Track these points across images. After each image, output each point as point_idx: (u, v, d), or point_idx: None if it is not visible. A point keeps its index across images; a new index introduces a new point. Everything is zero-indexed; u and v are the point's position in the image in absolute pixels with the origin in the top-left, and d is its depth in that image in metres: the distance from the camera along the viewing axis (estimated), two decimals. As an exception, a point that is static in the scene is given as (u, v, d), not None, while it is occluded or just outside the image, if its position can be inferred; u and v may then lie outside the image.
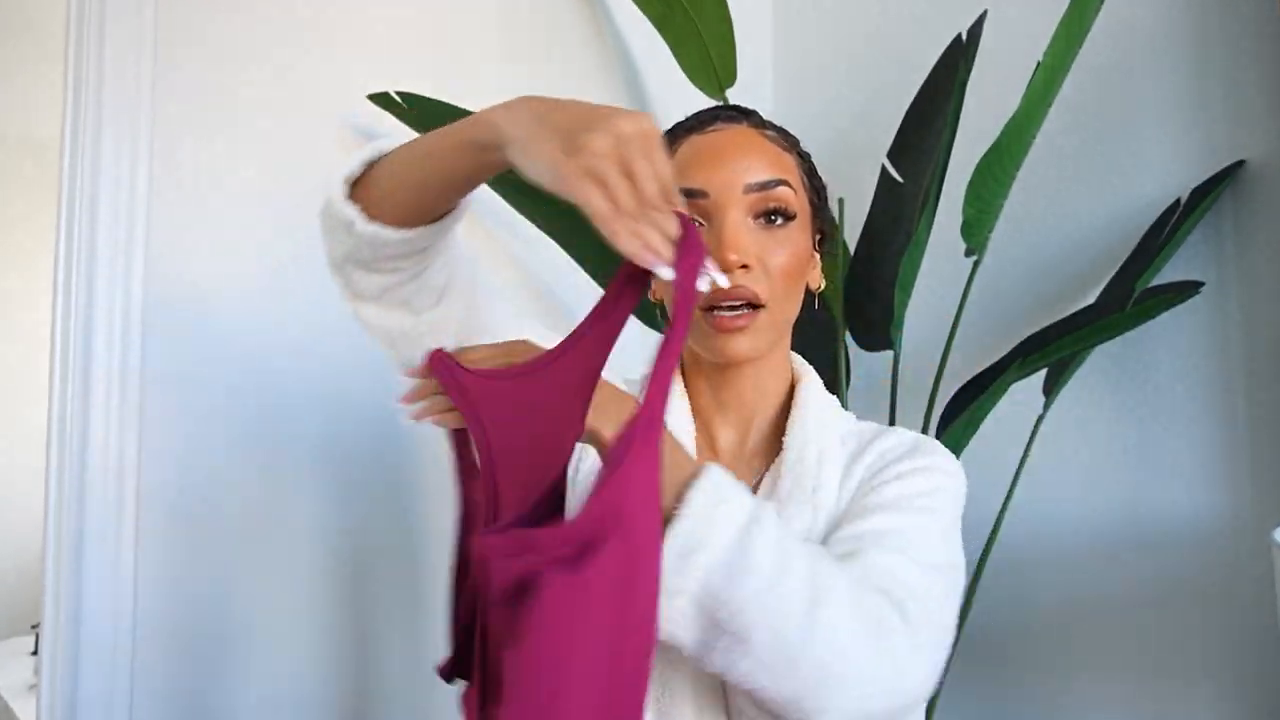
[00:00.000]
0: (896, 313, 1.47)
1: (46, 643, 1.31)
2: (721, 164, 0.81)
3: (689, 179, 0.81)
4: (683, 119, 0.88)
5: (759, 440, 0.88)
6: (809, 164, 0.90)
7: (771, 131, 0.86)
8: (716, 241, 0.79)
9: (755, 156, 0.82)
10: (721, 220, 0.80)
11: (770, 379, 0.88)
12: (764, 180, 0.81)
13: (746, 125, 0.85)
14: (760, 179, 0.81)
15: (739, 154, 0.81)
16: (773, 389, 0.88)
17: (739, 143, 0.83)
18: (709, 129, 0.84)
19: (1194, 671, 1.43)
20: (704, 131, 0.84)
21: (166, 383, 1.39)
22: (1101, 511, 1.54)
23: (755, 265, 0.80)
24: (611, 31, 1.95)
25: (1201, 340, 1.45)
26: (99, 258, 1.35)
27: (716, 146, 0.82)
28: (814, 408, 0.86)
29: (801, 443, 0.83)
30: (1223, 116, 1.44)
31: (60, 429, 1.33)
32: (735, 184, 0.80)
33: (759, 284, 0.80)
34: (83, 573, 1.31)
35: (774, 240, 0.81)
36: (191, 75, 1.45)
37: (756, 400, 0.88)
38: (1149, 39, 1.53)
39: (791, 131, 0.91)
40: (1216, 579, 1.41)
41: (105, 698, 1.31)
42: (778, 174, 0.82)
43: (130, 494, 1.34)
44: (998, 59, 1.71)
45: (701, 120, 0.86)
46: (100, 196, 1.36)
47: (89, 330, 1.34)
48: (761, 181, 0.81)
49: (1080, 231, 1.60)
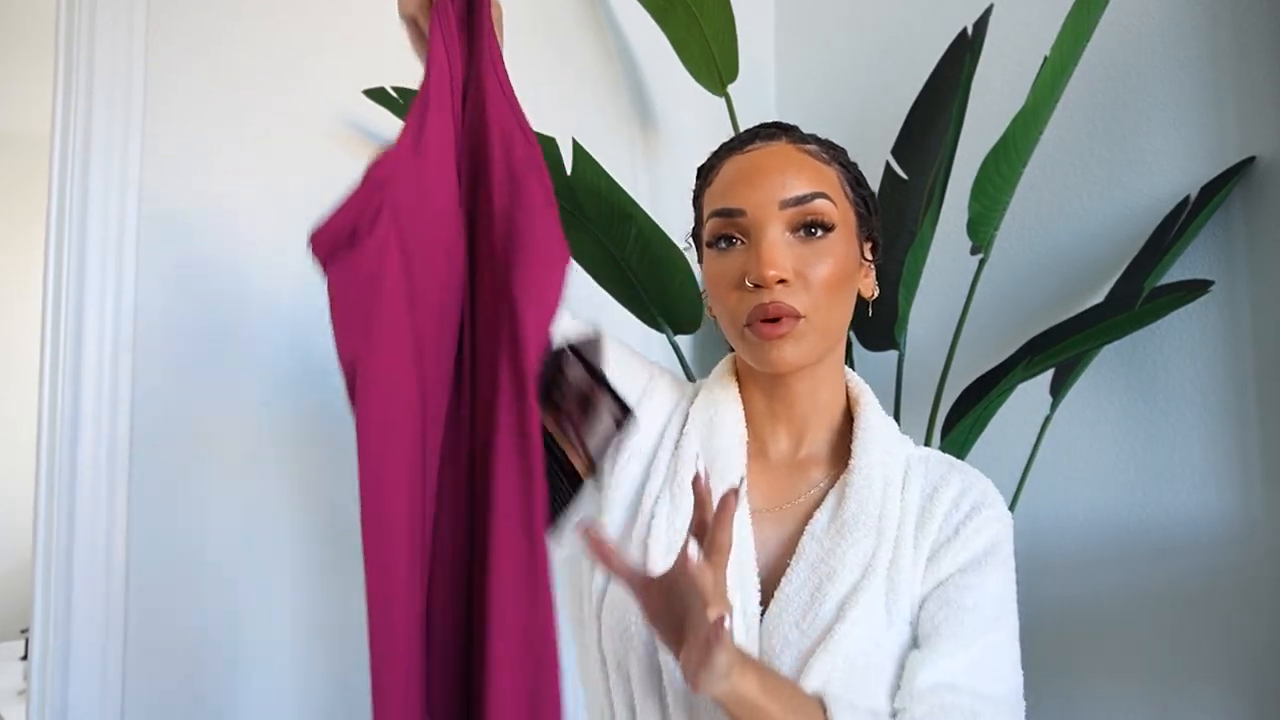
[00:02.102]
0: (901, 312, 1.45)
1: (36, 648, 1.30)
2: (758, 182, 0.83)
3: (729, 198, 0.84)
4: (728, 139, 0.91)
5: (813, 451, 0.90)
6: (855, 174, 0.90)
7: (812, 145, 0.88)
8: (756, 259, 0.81)
9: (792, 172, 0.84)
10: (759, 237, 0.82)
11: (824, 390, 0.90)
12: (800, 195, 0.83)
13: (785, 141, 0.87)
14: (796, 194, 0.83)
15: (775, 171, 0.84)
16: (826, 401, 0.90)
17: (775, 160, 0.85)
18: (748, 148, 0.87)
19: (1204, 675, 1.41)
20: (744, 151, 0.87)
21: (159, 385, 1.38)
22: (1110, 513, 1.52)
23: (794, 280, 0.82)
24: (613, 27, 1.93)
25: (1211, 340, 1.43)
26: (89, 260, 1.34)
27: (754, 165, 0.85)
28: (878, 430, 0.88)
29: (868, 466, 0.85)
30: (1233, 112, 1.42)
31: (50, 433, 1.32)
32: (771, 200, 0.82)
33: (797, 298, 0.82)
34: (73, 577, 1.30)
35: (814, 253, 0.83)
36: (184, 71, 1.43)
37: (809, 411, 0.90)
38: (1158, 33, 1.51)
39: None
40: (1227, 582, 1.39)
41: (96, 703, 1.30)
42: (815, 187, 0.84)
43: (121, 499, 1.33)
44: (1004, 54, 1.69)
45: (742, 140, 0.89)
46: (91, 194, 1.34)
47: (80, 332, 1.33)
48: (797, 196, 0.83)
49: (1088, 229, 1.58)
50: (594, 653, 0.84)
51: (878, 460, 0.85)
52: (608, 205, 1.58)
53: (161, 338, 1.39)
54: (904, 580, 0.82)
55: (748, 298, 0.83)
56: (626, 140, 1.95)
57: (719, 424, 0.89)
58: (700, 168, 0.93)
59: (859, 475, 0.84)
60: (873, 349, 1.61)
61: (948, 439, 1.39)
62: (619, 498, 0.89)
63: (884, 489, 0.84)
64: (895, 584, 0.82)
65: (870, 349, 1.61)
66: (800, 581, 0.82)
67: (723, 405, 0.91)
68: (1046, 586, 1.59)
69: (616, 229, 1.59)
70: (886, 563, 0.82)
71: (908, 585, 0.82)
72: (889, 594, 0.81)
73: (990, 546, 0.85)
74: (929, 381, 1.62)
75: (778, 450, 0.91)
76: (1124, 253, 1.51)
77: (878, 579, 0.81)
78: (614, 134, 1.92)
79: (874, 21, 1.98)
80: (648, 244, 1.59)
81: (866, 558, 0.81)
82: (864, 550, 0.81)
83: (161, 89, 1.41)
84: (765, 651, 0.80)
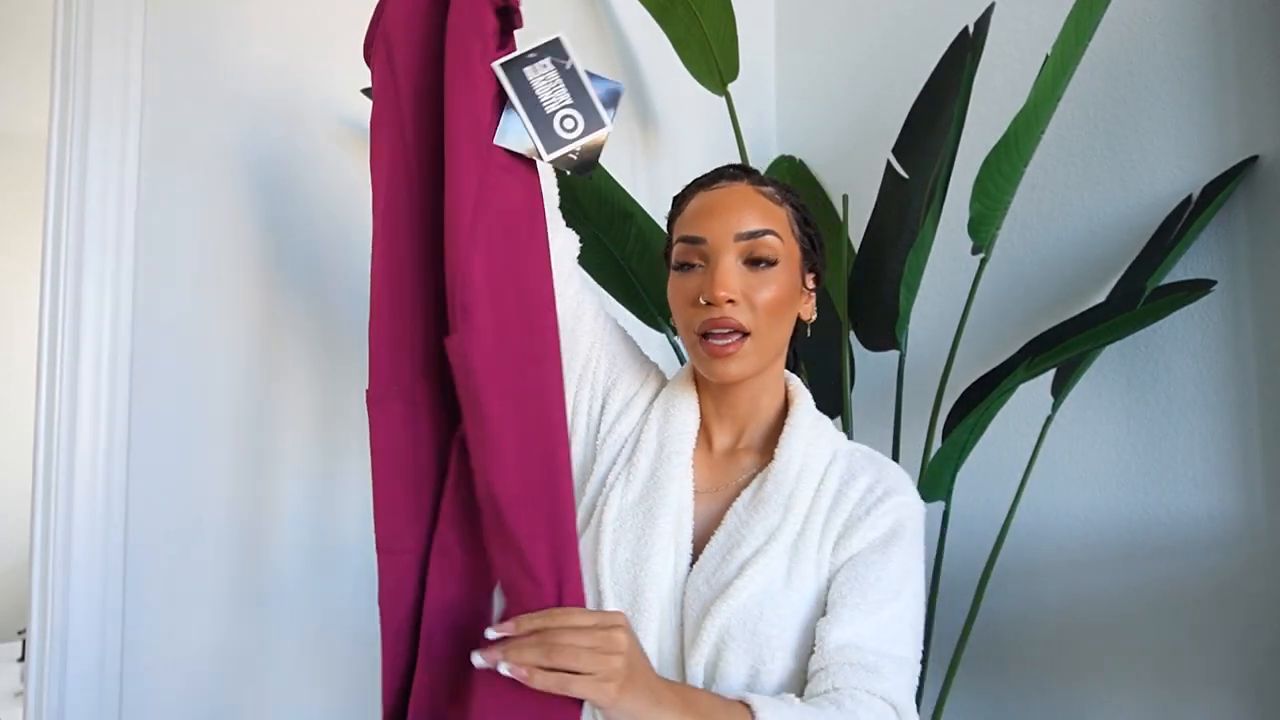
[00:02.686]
0: (902, 312, 1.45)
1: (34, 649, 1.30)
2: (719, 216, 0.98)
3: (693, 228, 0.99)
4: (699, 175, 1.05)
5: (750, 444, 1.06)
6: (803, 214, 1.04)
7: (768, 188, 1.02)
8: (710, 280, 0.96)
9: (748, 210, 0.98)
10: (716, 262, 0.97)
11: (764, 395, 1.05)
12: (752, 230, 0.97)
13: (746, 183, 1.01)
14: (749, 229, 0.97)
15: (734, 208, 0.98)
16: (765, 405, 1.06)
17: (735, 198, 0.99)
18: (714, 186, 1.02)
19: (1207, 677, 1.40)
20: (710, 188, 1.02)
21: (157, 391, 1.37)
22: (1111, 514, 1.52)
23: (741, 300, 0.96)
24: (613, 26, 1.93)
25: (1214, 340, 1.42)
26: (87, 262, 1.33)
27: (717, 201, 1.00)
28: (804, 428, 1.03)
29: (788, 456, 1.00)
30: (1236, 111, 1.42)
31: (48, 433, 1.32)
32: (728, 232, 0.97)
33: (743, 315, 0.96)
34: (71, 578, 1.29)
35: (760, 280, 0.97)
36: (181, 69, 1.42)
37: (750, 413, 1.06)
38: (1160, 31, 1.50)
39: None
40: (1229, 583, 1.38)
41: (93, 705, 1.30)
42: (766, 225, 0.98)
43: (119, 499, 1.32)
44: (1005, 53, 1.68)
45: (710, 178, 1.03)
46: (89, 194, 1.33)
47: (77, 333, 1.32)
48: (750, 231, 0.97)
49: (1089, 228, 1.57)
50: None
51: (799, 451, 1.00)
52: (607, 204, 1.58)
53: (159, 338, 1.38)
54: (808, 551, 0.96)
55: (701, 312, 0.97)
56: (626, 139, 1.95)
57: (675, 416, 1.05)
58: (675, 197, 1.07)
59: (779, 463, 1.00)
60: (874, 349, 1.60)
61: (949, 439, 1.39)
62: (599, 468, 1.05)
63: (799, 474, 0.99)
64: (799, 553, 0.96)
65: (871, 349, 1.60)
66: (717, 547, 0.97)
67: (681, 401, 1.06)
68: (1048, 587, 1.58)
69: (616, 228, 1.59)
70: (793, 535, 0.96)
71: (812, 556, 0.96)
72: (791, 560, 0.95)
73: (896, 527, 0.98)
74: (930, 381, 1.61)
75: (720, 443, 1.07)
76: (1126, 252, 1.50)
77: (779, 546, 0.95)
78: (614, 133, 1.92)
79: (875, 20, 1.98)
80: (648, 243, 1.58)
81: (772, 529, 0.96)
82: (771, 523, 0.96)
83: (159, 88, 1.40)
84: (685, 601, 0.96)
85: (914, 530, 0.99)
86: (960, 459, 1.43)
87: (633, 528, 0.99)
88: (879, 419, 1.79)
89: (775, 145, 2.15)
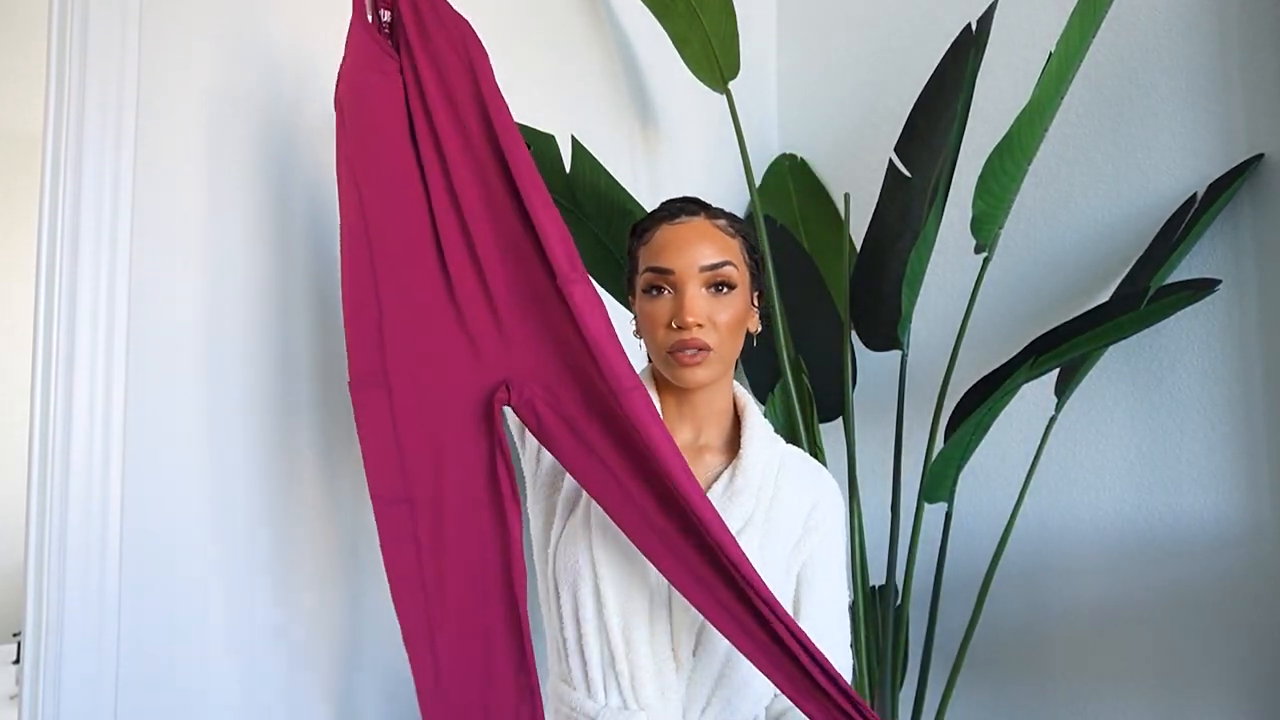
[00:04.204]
0: (904, 311, 1.44)
1: (29, 651, 1.29)
2: (684, 249, 1.13)
3: (662, 259, 1.13)
4: (656, 209, 1.19)
5: (710, 442, 1.20)
6: (749, 241, 1.19)
7: (721, 221, 1.17)
8: (680, 308, 1.11)
9: (708, 244, 1.13)
10: (683, 291, 1.12)
11: (718, 399, 1.20)
12: (714, 262, 1.12)
13: (703, 218, 1.16)
14: (711, 261, 1.12)
15: (696, 242, 1.13)
16: (719, 407, 1.21)
17: (696, 233, 1.14)
18: (675, 221, 1.15)
19: (1212, 679, 1.39)
20: (672, 223, 1.15)
21: (152, 386, 1.36)
22: (1115, 515, 1.51)
23: (706, 323, 1.11)
24: (613, 24, 1.92)
25: (1219, 339, 1.41)
26: (81, 262, 1.32)
27: (680, 236, 1.14)
28: (761, 429, 1.19)
29: (754, 453, 1.16)
30: (1241, 109, 1.41)
31: (43, 435, 1.31)
32: (693, 264, 1.12)
33: (709, 336, 1.11)
34: (66, 580, 1.28)
35: (720, 304, 1.13)
36: (178, 67, 1.41)
37: (707, 414, 1.20)
38: (1165, 29, 1.49)
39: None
40: (1235, 585, 1.37)
41: (89, 707, 1.29)
42: (724, 256, 1.13)
43: (114, 500, 1.32)
44: (1008, 50, 1.67)
45: (671, 212, 1.17)
46: (84, 193, 1.32)
47: (72, 332, 1.31)
48: (712, 264, 1.12)
49: (1093, 227, 1.56)
50: (550, 580, 1.15)
51: (760, 449, 1.17)
52: (607, 203, 1.57)
53: (155, 339, 1.37)
54: (776, 532, 1.14)
55: (673, 335, 1.12)
56: (626, 137, 1.93)
57: None
58: (635, 226, 1.20)
59: (747, 459, 1.15)
60: (876, 349, 1.59)
61: (951, 440, 1.38)
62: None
63: (764, 469, 1.16)
64: (768, 534, 1.13)
65: (873, 349, 1.59)
66: None
67: None
68: (1051, 588, 1.57)
69: (616, 227, 1.58)
70: (763, 518, 1.13)
71: (779, 535, 1.14)
72: (763, 539, 1.12)
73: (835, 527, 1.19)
74: (932, 381, 1.60)
75: (683, 440, 1.20)
76: (1130, 251, 1.49)
77: (755, 528, 1.12)
78: (613, 131, 1.91)
79: (877, 17, 1.96)
80: (648, 242, 1.57)
81: (748, 513, 1.13)
82: (746, 509, 1.13)
83: (155, 86, 1.40)
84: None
85: (842, 526, 1.21)
86: (963, 460, 1.42)
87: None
88: (880, 419, 1.78)
89: (776, 143, 2.14)
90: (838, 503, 1.22)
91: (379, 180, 1.13)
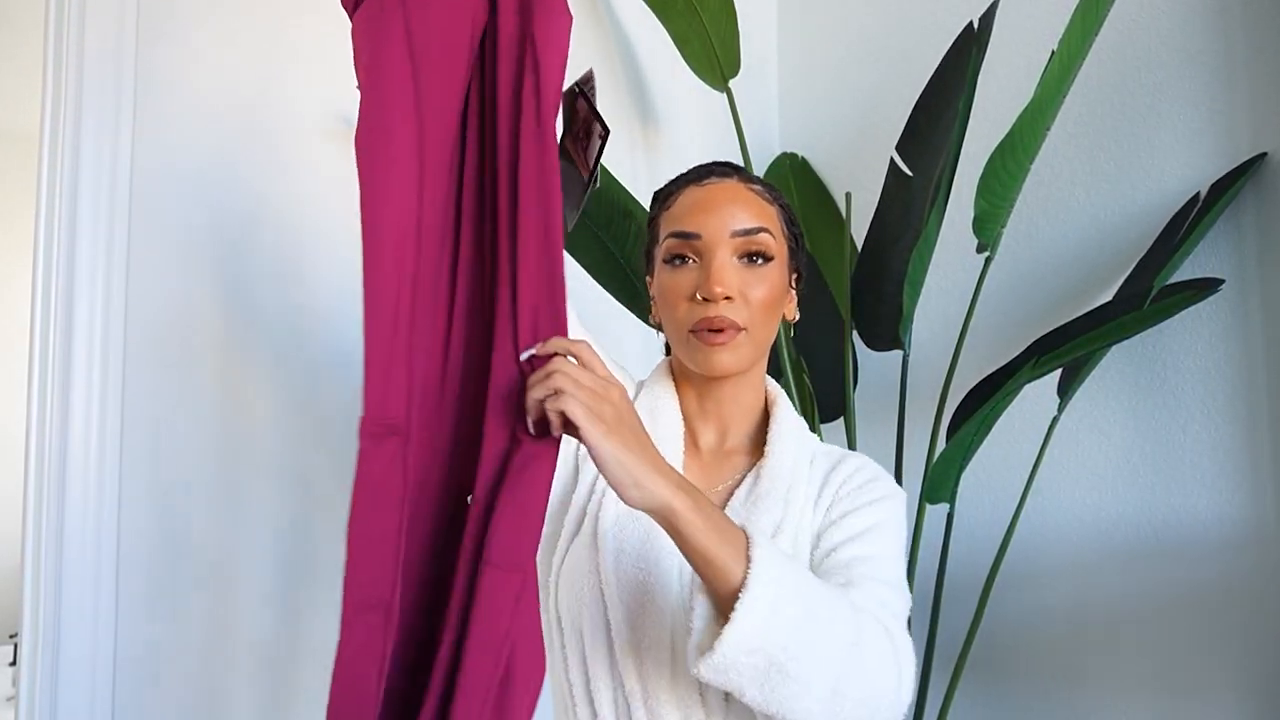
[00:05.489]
0: (905, 311, 1.43)
1: (25, 653, 1.29)
2: (713, 211, 0.97)
3: (686, 223, 0.97)
4: (684, 172, 1.04)
5: (736, 443, 1.04)
6: (789, 214, 1.04)
7: (757, 186, 1.01)
8: (707, 277, 0.95)
9: (741, 207, 0.97)
10: (711, 259, 0.95)
11: (747, 393, 1.04)
12: (748, 228, 0.96)
13: (736, 180, 1.00)
14: (745, 226, 0.96)
15: (728, 203, 0.97)
16: (748, 403, 1.04)
17: (728, 194, 0.98)
18: (704, 182, 1.00)
19: (1214, 681, 1.39)
20: (700, 184, 1.00)
21: (149, 387, 1.35)
22: (1118, 517, 1.50)
23: (737, 297, 0.95)
24: (613, 22, 1.91)
25: (1221, 339, 1.40)
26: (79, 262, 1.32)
27: (710, 196, 0.98)
28: (791, 426, 1.02)
29: (780, 452, 0.99)
30: (1244, 108, 1.40)
31: (40, 436, 1.30)
32: (724, 229, 0.96)
33: (739, 313, 0.95)
34: (63, 582, 1.28)
35: (755, 277, 0.96)
36: (176, 66, 1.41)
37: (734, 410, 1.04)
38: (1167, 27, 1.48)
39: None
40: (1238, 586, 1.36)
41: (86, 709, 1.28)
42: (760, 222, 0.97)
43: (111, 503, 1.31)
44: (1010, 48, 1.67)
45: (699, 174, 1.01)
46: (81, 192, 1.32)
47: (69, 332, 1.31)
48: (746, 229, 0.96)
49: (1096, 227, 1.55)
50: (551, 614, 0.98)
51: (790, 449, 1.00)
52: (607, 202, 1.56)
53: (153, 338, 1.37)
54: (805, 542, 0.96)
55: (696, 309, 0.95)
56: (626, 136, 1.93)
57: (660, 416, 1.03)
58: (658, 193, 1.06)
59: (773, 459, 0.99)
60: (877, 349, 1.58)
61: (953, 440, 1.37)
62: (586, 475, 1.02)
63: (793, 469, 0.98)
64: (799, 543, 0.96)
65: (875, 348, 1.59)
66: None
67: (662, 401, 1.04)
68: (1053, 590, 1.57)
69: (616, 227, 1.57)
70: (794, 527, 0.96)
71: (809, 541, 0.96)
72: (793, 550, 0.95)
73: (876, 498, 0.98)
74: (934, 382, 1.60)
75: (706, 442, 1.04)
76: (1133, 251, 1.48)
77: (785, 539, 0.94)
78: (613, 130, 1.90)
79: (878, 15, 1.96)
80: (648, 242, 1.57)
81: (776, 522, 0.95)
82: (774, 517, 0.95)
83: (153, 85, 1.39)
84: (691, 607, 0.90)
85: (895, 503, 1.00)
86: (964, 460, 1.42)
87: (635, 532, 0.95)
88: (882, 420, 1.77)
89: (777, 142, 2.14)
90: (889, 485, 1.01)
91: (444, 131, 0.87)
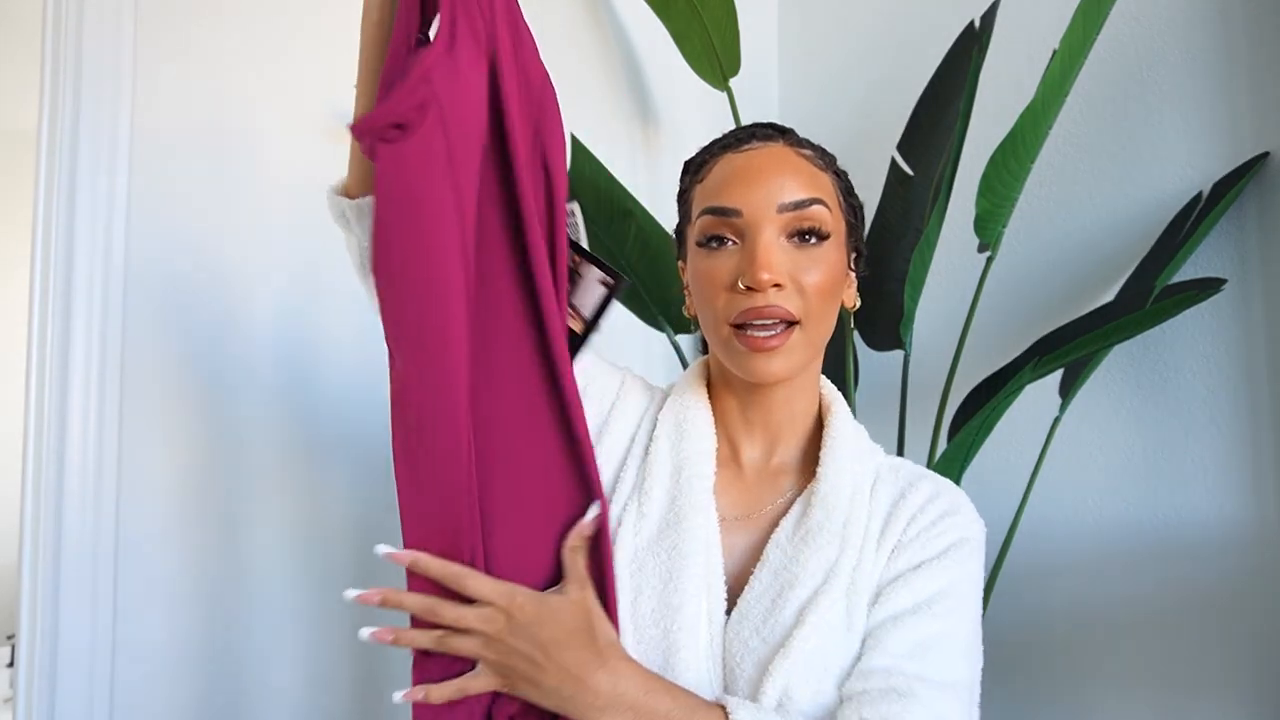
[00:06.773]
0: (906, 311, 1.43)
1: (23, 655, 1.28)
2: (756, 183, 0.81)
3: (723, 197, 0.82)
4: (720, 136, 0.88)
5: (785, 460, 0.89)
6: (846, 182, 0.89)
7: (808, 150, 0.86)
8: (750, 260, 0.80)
9: (790, 175, 0.82)
10: (755, 239, 0.80)
11: (800, 400, 0.89)
12: (798, 200, 0.81)
13: (782, 144, 0.85)
14: (795, 198, 0.81)
15: (774, 173, 0.82)
16: (801, 411, 0.89)
17: (773, 161, 0.83)
18: (744, 147, 0.85)
19: (1217, 682, 1.38)
20: (739, 150, 0.85)
21: (147, 386, 1.35)
22: (1120, 517, 1.50)
23: (788, 284, 0.80)
24: (612, 20, 1.90)
25: (1224, 339, 1.40)
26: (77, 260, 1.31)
27: (752, 165, 0.83)
28: (848, 439, 0.87)
29: (835, 474, 0.84)
30: (1247, 107, 1.39)
31: (38, 436, 1.30)
32: (769, 203, 0.81)
33: (791, 302, 0.80)
34: (60, 583, 1.27)
35: (808, 259, 0.81)
36: (174, 65, 1.40)
37: (784, 421, 0.89)
38: (1170, 25, 1.48)
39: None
40: (1240, 586, 1.36)
41: (84, 710, 1.28)
42: (812, 193, 0.82)
43: (109, 503, 1.31)
44: (1012, 47, 1.66)
45: (738, 138, 0.86)
46: (78, 191, 1.32)
47: (67, 332, 1.31)
48: (796, 201, 0.81)
49: (1098, 226, 1.55)
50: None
51: (846, 469, 0.85)
52: (607, 202, 1.56)
53: (151, 337, 1.36)
54: (864, 585, 0.81)
55: (738, 299, 0.81)
56: (626, 136, 1.92)
57: (688, 430, 0.88)
58: (689, 162, 0.91)
59: (826, 484, 0.84)
60: (878, 349, 1.58)
61: (954, 441, 1.37)
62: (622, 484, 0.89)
63: (851, 497, 0.84)
64: (856, 588, 0.81)
65: (875, 349, 1.58)
66: (763, 588, 0.81)
67: (693, 411, 0.90)
68: (1055, 591, 1.56)
69: (616, 226, 1.57)
70: (850, 569, 0.81)
71: (867, 590, 0.81)
72: (849, 598, 0.80)
73: (951, 546, 0.83)
74: (935, 382, 1.59)
75: (750, 458, 0.90)
76: (1135, 250, 1.48)
77: (839, 585, 0.80)
78: (613, 130, 1.90)
79: (879, 14, 1.95)
80: (648, 241, 1.57)
81: (829, 564, 0.80)
82: (827, 557, 0.81)
83: (151, 84, 1.38)
84: (728, 657, 0.80)
85: (971, 552, 0.84)
86: (966, 461, 1.41)
87: (655, 571, 0.82)
88: (883, 420, 1.76)
89: (777, 142, 2.13)
90: (967, 524, 0.85)
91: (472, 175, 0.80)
